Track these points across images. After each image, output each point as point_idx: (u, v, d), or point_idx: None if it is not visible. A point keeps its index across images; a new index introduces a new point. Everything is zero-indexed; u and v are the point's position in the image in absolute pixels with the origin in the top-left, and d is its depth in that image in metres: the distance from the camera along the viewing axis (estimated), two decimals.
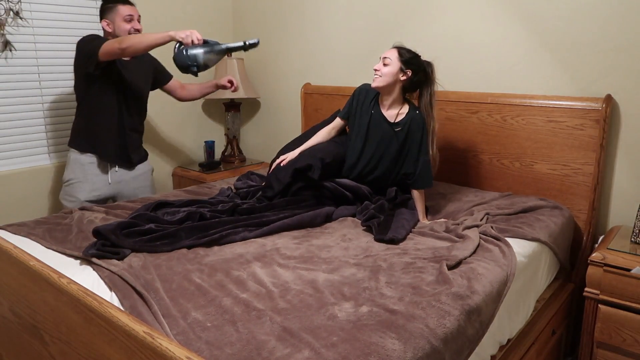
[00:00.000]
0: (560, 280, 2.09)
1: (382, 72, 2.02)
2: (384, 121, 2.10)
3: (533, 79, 2.26)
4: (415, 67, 2.03)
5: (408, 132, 2.07)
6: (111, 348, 1.06)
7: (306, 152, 2.15)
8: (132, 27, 2.26)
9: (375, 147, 2.12)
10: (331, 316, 1.21)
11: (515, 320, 1.67)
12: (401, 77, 2.03)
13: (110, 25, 2.25)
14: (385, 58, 2.03)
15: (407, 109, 2.10)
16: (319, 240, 1.74)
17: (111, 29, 2.25)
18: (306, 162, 2.06)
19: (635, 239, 1.86)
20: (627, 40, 1.99)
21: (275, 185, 2.08)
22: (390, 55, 2.03)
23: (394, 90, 2.06)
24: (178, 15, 3.21)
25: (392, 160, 2.11)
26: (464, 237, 1.73)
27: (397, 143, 2.08)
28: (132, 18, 2.26)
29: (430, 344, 1.15)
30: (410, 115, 2.07)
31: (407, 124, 2.07)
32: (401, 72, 2.02)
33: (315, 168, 2.05)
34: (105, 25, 2.26)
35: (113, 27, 2.25)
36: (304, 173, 2.05)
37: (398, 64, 2.01)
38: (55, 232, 1.77)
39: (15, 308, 1.43)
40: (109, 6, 2.25)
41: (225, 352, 1.07)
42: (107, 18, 2.25)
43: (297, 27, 3.16)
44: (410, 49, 2.07)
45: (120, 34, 2.23)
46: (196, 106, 3.44)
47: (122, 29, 2.24)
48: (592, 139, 2.06)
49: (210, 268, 1.49)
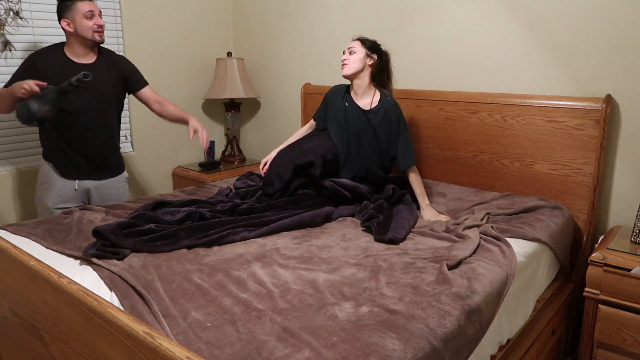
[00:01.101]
0: (560, 280, 2.09)
1: (350, 60, 2.14)
2: (359, 110, 2.19)
3: (533, 79, 2.26)
4: (379, 52, 2.17)
5: (383, 117, 2.16)
6: (111, 348, 1.06)
7: (307, 148, 2.17)
8: (94, 24, 2.12)
9: (356, 138, 2.19)
10: (331, 316, 1.21)
11: (515, 320, 1.67)
12: (369, 62, 2.15)
13: (71, 24, 2.11)
14: (350, 47, 2.16)
15: (380, 95, 2.20)
16: (319, 240, 1.74)
17: (72, 28, 2.11)
18: (307, 158, 2.07)
19: (635, 239, 1.86)
20: (627, 40, 1.99)
21: (276, 181, 2.09)
22: (354, 44, 2.16)
23: (364, 76, 2.17)
24: (178, 16, 3.21)
25: (373, 147, 2.19)
26: (464, 237, 1.73)
27: (371, 128, 2.17)
28: (93, 14, 2.12)
29: (430, 344, 1.15)
30: (383, 101, 2.18)
31: (381, 110, 2.16)
32: (368, 57, 2.15)
33: (317, 165, 2.08)
34: (65, 25, 2.12)
35: (74, 26, 2.11)
36: (306, 169, 2.06)
37: (363, 50, 2.14)
38: (55, 232, 1.77)
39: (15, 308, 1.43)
40: (67, 4, 2.10)
41: (225, 352, 1.07)
42: (67, 17, 2.11)
43: (297, 27, 3.16)
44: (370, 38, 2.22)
45: (83, 32, 2.11)
46: (196, 106, 3.44)
47: (84, 27, 2.11)
48: (592, 139, 2.06)
49: (210, 268, 1.49)
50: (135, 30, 3.00)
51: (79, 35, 2.12)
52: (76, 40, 2.15)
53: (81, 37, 2.14)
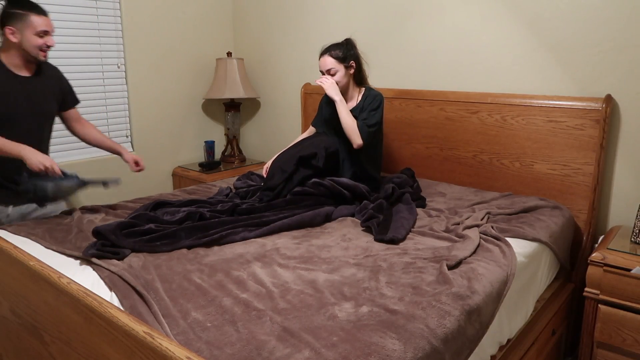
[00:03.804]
0: (560, 280, 2.09)
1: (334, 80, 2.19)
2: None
3: (533, 79, 2.26)
4: (352, 56, 2.21)
5: (362, 110, 2.21)
6: (111, 348, 1.06)
7: (308, 143, 2.20)
8: (44, 43, 1.92)
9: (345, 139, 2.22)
10: (331, 316, 1.21)
11: (515, 320, 1.67)
12: (350, 71, 2.22)
13: (16, 35, 1.88)
14: (329, 69, 2.20)
15: (363, 90, 2.28)
16: (319, 240, 1.74)
17: (17, 39, 1.88)
18: (310, 150, 2.11)
19: (635, 239, 1.86)
20: (627, 40, 1.99)
21: (278, 174, 2.10)
22: (330, 64, 2.19)
23: (348, 83, 2.25)
24: (178, 16, 3.21)
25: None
26: (464, 237, 1.73)
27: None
28: (47, 33, 1.93)
29: (430, 344, 1.15)
30: (365, 96, 2.25)
31: (362, 105, 2.23)
32: (348, 69, 2.21)
33: (320, 156, 2.12)
34: (9, 33, 1.88)
35: (20, 38, 1.88)
36: (308, 161, 2.10)
37: (341, 65, 2.20)
38: (55, 232, 1.77)
39: (15, 308, 1.43)
40: (19, 13, 1.87)
41: (225, 352, 1.07)
42: (14, 26, 1.88)
43: (297, 27, 3.16)
44: (332, 43, 2.25)
45: (29, 48, 1.90)
46: (196, 106, 3.44)
47: (32, 44, 1.89)
48: (592, 139, 2.06)
49: (210, 268, 1.49)
50: (135, 31, 3.00)
51: (22, 48, 1.91)
52: (16, 52, 1.93)
53: (23, 51, 1.92)
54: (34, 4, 1.92)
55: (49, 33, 1.94)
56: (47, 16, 1.95)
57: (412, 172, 2.44)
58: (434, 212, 2.05)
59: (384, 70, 2.77)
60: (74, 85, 2.20)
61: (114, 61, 2.97)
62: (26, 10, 1.89)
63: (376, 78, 2.78)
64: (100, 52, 2.89)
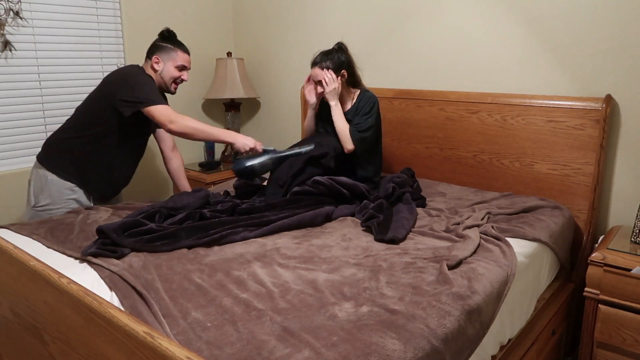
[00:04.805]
0: (561, 280, 2.09)
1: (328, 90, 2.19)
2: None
3: (533, 79, 2.26)
4: (344, 63, 2.20)
5: (356, 112, 2.22)
6: (111, 348, 1.06)
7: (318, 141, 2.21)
8: (180, 77, 2.19)
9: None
10: (331, 316, 1.21)
11: (515, 320, 1.67)
12: (342, 79, 2.22)
13: (160, 64, 2.15)
14: (320, 81, 2.19)
15: (358, 92, 2.29)
16: (319, 240, 1.74)
17: (159, 68, 2.15)
18: (321, 150, 2.12)
19: (635, 239, 1.86)
20: (627, 40, 1.99)
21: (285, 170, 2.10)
22: (319, 76, 2.19)
23: (342, 91, 2.25)
24: (178, 16, 3.21)
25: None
26: (465, 237, 1.73)
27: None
28: (184, 68, 2.20)
29: (430, 344, 1.15)
30: (360, 98, 2.26)
31: (356, 107, 2.24)
32: (340, 77, 2.21)
33: (330, 156, 2.13)
34: (154, 61, 2.15)
35: (162, 67, 2.15)
36: (318, 160, 2.12)
37: (332, 75, 2.19)
38: (57, 231, 1.77)
39: (15, 308, 1.43)
40: (169, 47, 2.15)
41: (225, 352, 1.07)
42: (160, 56, 2.15)
43: (298, 27, 3.16)
44: (322, 52, 2.24)
45: (165, 78, 2.17)
46: (196, 106, 3.45)
47: (170, 74, 2.17)
48: (592, 139, 2.06)
49: (211, 268, 1.49)
50: (136, 31, 3.00)
51: (160, 77, 2.17)
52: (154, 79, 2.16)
53: (159, 79, 2.17)
54: (181, 43, 2.21)
55: (186, 68, 2.21)
56: (189, 55, 2.22)
57: (412, 172, 2.44)
58: (434, 212, 2.05)
59: (384, 70, 2.77)
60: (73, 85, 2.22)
61: (114, 61, 2.97)
62: (175, 46, 2.17)
63: (376, 78, 2.79)
64: (100, 52, 2.89)
